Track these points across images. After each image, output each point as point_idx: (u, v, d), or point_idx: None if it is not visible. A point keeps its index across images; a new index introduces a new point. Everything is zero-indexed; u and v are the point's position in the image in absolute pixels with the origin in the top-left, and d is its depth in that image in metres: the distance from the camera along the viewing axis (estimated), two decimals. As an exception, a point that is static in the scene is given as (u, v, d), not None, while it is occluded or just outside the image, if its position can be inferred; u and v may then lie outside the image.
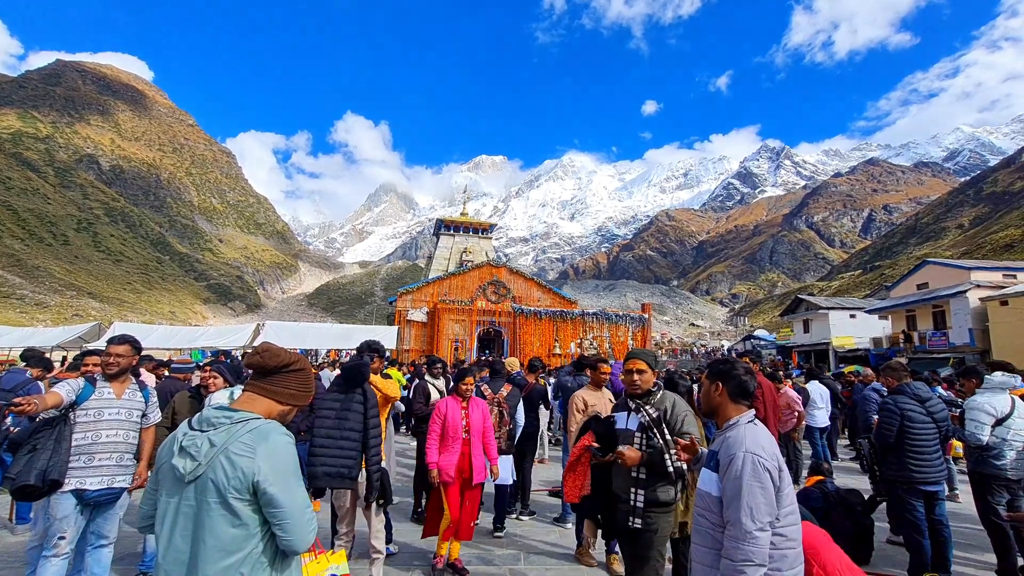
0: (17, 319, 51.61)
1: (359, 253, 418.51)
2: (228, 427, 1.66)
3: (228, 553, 1.56)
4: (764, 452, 2.02)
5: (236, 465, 1.58)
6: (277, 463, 1.63)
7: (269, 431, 1.69)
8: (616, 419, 3.10)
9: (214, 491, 1.57)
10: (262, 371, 1.83)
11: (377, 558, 3.84)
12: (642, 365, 2.99)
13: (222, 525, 1.57)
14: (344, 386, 3.79)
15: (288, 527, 1.62)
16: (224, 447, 1.61)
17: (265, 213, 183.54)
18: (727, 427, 2.21)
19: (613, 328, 27.39)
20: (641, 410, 2.91)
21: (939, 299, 27.22)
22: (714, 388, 2.31)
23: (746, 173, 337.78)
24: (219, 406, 1.76)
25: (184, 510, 1.60)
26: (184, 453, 1.63)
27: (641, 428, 2.88)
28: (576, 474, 3.29)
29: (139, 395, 3.61)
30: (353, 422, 3.66)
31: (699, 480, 2.23)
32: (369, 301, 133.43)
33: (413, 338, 26.33)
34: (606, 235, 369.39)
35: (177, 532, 1.59)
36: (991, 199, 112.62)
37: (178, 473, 1.61)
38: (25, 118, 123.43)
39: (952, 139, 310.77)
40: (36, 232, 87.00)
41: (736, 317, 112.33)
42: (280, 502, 1.60)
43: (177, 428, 1.73)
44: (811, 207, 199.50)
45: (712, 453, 2.17)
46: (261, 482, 1.58)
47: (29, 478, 3.01)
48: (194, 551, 1.56)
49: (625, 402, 3.06)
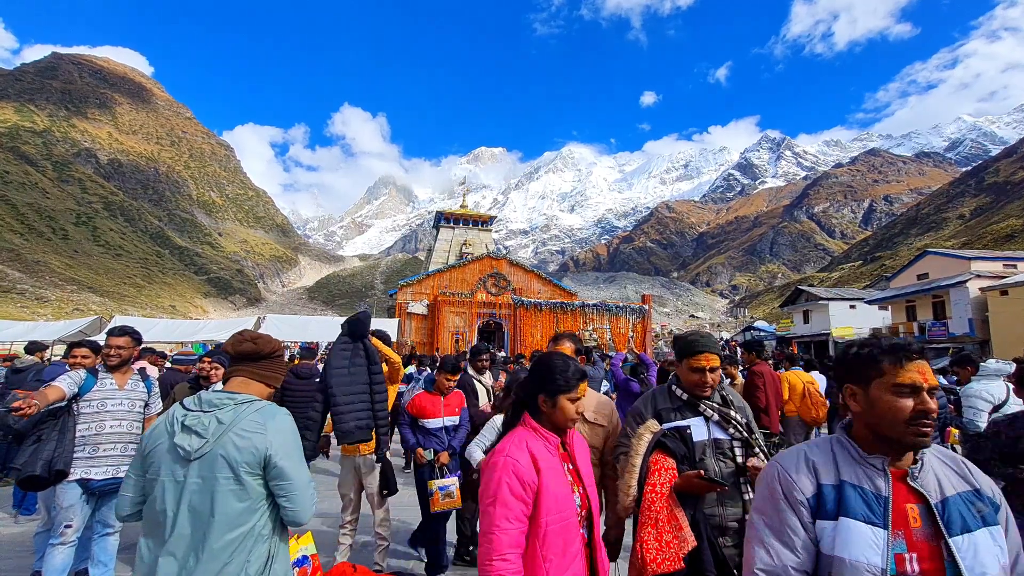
0: (18, 314, 51.68)
1: (359, 246, 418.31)
2: (233, 407, 1.75)
3: (234, 527, 1.65)
4: None
5: (249, 441, 1.69)
6: (286, 439, 1.77)
7: (275, 411, 1.82)
8: (691, 429, 2.22)
9: (225, 466, 1.66)
10: (255, 356, 1.91)
11: (383, 546, 3.89)
12: (716, 360, 2.25)
13: (230, 500, 1.65)
14: (349, 340, 3.85)
15: (295, 498, 1.74)
16: (233, 425, 1.70)
17: (264, 206, 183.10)
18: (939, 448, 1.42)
19: (613, 319, 27.44)
20: (729, 418, 2.25)
21: (939, 289, 27.22)
22: None
23: (746, 164, 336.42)
24: (218, 389, 1.84)
25: (191, 487, 1.64)
26: (188, 432, 1.68)
27: (734, 439, 2.23)
28: (667, 525, 1.90)
29: (141, 386, 3.64)
30: (360, 376, 3.72)
31: (960, 550, 1.19)
32: (369, 294, 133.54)
33: (414, 331, 26.38)
34: (606, 227, 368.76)
35: (183, 509, 1.63)
36: (992, 189, 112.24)
37: (182, 451, 1.66)
38: (22, 112, 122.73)
39: (953, 129, 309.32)
40: (35, 227, 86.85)
41: (736, 308, 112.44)
42: (289, 475, 1.73)
43: (165, 412, 1.76)
44: (811, 198, 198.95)
45: (971, 495, 1.29)
46: (273, 456, 1.70)
47: (35, 468, 3.04)
48: (200, 527, 1.62)
49: (690, 404, 2.29)
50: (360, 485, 3.99)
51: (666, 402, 2.33)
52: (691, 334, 2.34)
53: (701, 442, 2.20)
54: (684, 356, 2.28)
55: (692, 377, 2.26)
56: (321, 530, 4.93)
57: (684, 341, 2.32)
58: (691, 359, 2.25)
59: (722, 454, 2.20)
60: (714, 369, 2.24)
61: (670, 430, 2.18)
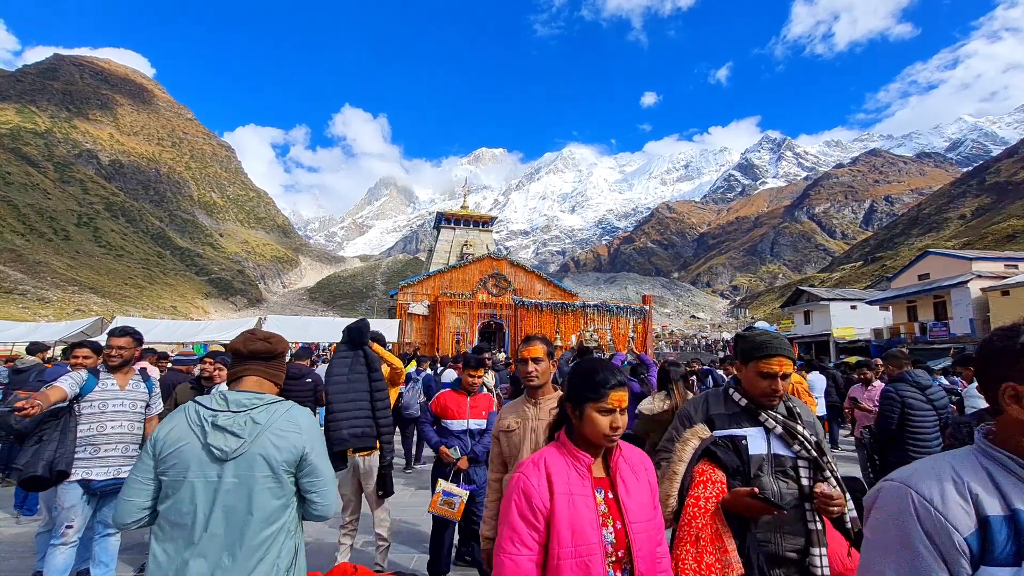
0: (19, 314, 51.77)
1: (359, 247, 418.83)
2: (265, 407, 1.77)
3: (270, 523, 1.69)
4: None
5: (287, 440, 1.73)
6: (317, 437, 1.84)
7: (301, 409, 1.86)
8: (747, 440, 1.92)
9: (264, 465, 1.69)
10: (268, 356, 1.90)
11: (383, 546, 3.89)
12: (789, 365, 1.91)
13: (268, 498, 1.69)
14: (349, 348, 3.85)
15: (325, 494, 1.82)
16: (269, 425, 1.73)
17: (265, 207, 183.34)
18: None
19: (614, 320, 27.44)
20: (795, 433, 1.89)
21: (940, 289, 27.19)
22: None
23: (747, 164, 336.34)
24: (244, 391, 1.83)
25: (225, 487, 1.65)
26: (223, 432, 1.68)
27: (799, 457, 1.89)
28: (710, 546, 1.67)
29: (143, 386, 3.64)
30: (361, 384, 3.72)
31: None
32: (370, 295, 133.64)
33: (414, 331, 26.39)
34: (607, 227, 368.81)
35: (217, 509, 1.63)
36: (993, 189, 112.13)
37: (218, 452, 1.66)
38: (23, 113, 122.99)
39: (954, 129, 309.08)
40: (37, 227, 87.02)
41: (737, 309, 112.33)
42: (321, 471, 1.81)
43: (179, 414, 1.74)
44: (812, 198, 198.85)
45: None
46: (308, 454, 1.77)
47: (37, 469, 3.04)
48: (236, 526, 1.64)
49: (749, 412, 1.96)
50: (360, 486, 3.99)
51: (721, 407, 2.01)
52: (760, 333, 2.01)
53: (758, 456, 1.89)
54: (751, 358, 1.94)
55: (760, 384, 1.91)
56: (322, 530, 4.94)
57: (753, 341, 1.96)
58: (761, 362, 1.91)
59: (783, 473, 1.87)
60: (786, 376, 1.90)
61: (722, 438, 1.90)
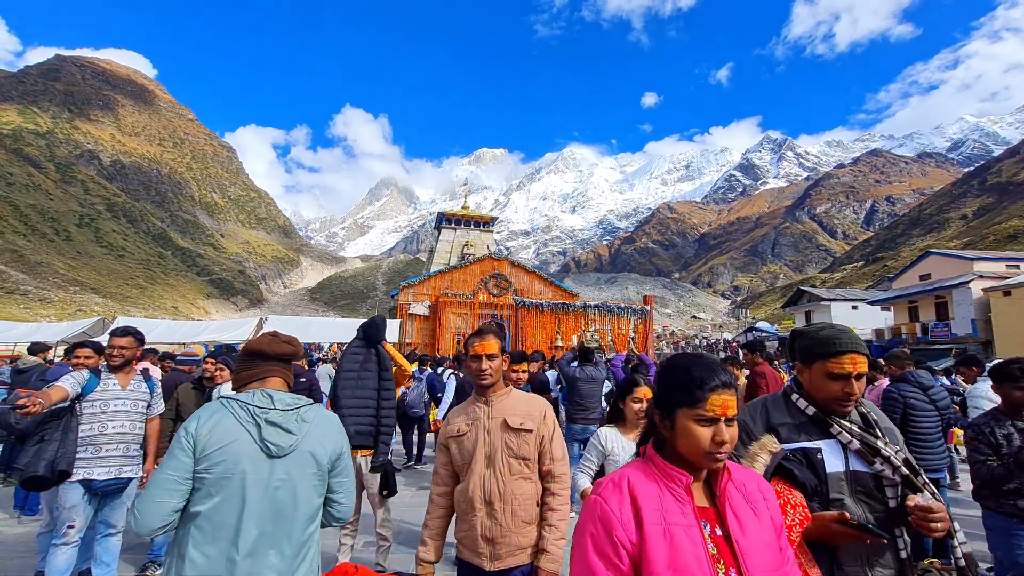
0: (21, 315, 51.84)
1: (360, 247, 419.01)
2: (307, 407, 1.81)
3: (312, 521, 1.73)
4: None
5: (331, 438, 1.80)
6: (347, 439, 1.90)
7: (329, 411, 1.94)
8: (821, 454, 1.58)
9: (312, 462, 1.72)
10: (290, 358, 1.94)
11: (384, 546, 3.88)
12: (863, 363, 1.59)
13: (312, 495, 1.72)
14: (363, 344, 3.85)
15: (350, 494, 1.87)
16: (316, 423, 1.78)
17: (266, 208, 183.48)
18: None
19: (615, 320, 27.41)
20: (876, 449, 1.56)
21: (942, 290, 27.15)
22: None
23: (748, 165, 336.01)
24: (278, 392, 1.83)
25: (275, 483, 1.64)
26: (277, 429, 1.69)
27: (882, 475, 1.57)
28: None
29: (144, 386, 3.65)
30: (370, 382, 3.72)
31: None
32: (371, 295, 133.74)
33: (415, 331, 26.40)
34: (607, 228, 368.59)
35: (267, 507, 1.62)
36: (995, 189, 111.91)
37: (274, 447, 1.66)
38: (25, 114, 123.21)
39: (956, 129, 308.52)
40: (38, 228, 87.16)
41: (738, 309, 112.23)
42: (350, 471, 1.87)
43: (220, 411, 1.69)
44: (813, 198, 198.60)
45: None
46: (344, 454, 1.83)
47: (38, 468, 3.04)
48: (285, 523, 1.64)
49: (818, 421, 1.63)
50: (361, 485, 3.99)
51: (783, 415, 1.67)
52: (825, 327, 1.68)
53: (836, 474, 1.56)
54: (816, 358, 1.62)
55: (831, 387, 1.58)
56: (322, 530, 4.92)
57: (816, 337, 1.65)
58: (829, 362, 1.58)
59: (864, 493, 1.56)
60: (860, 376, 1.57)
61: (793, 452, 1.55)
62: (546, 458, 2.19)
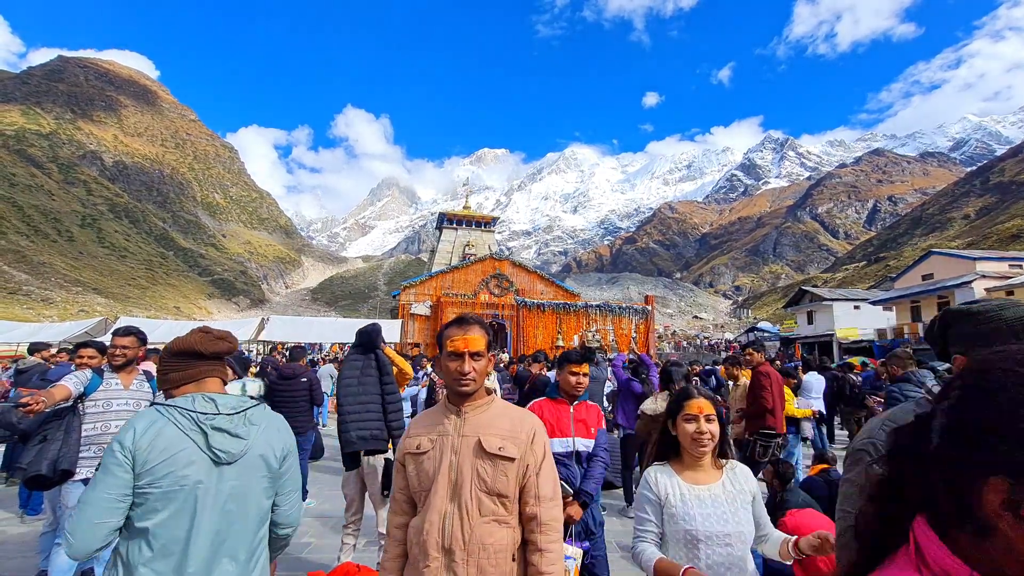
0: (23, 315, 52.00)
1: (362, 247, 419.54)
2: (254, 407, 1.74)
3: (262, 523, 1.67)
4: None
5: (279, 440, 1.74)
6: (292, 437, 1.84)
7: (272, 411, 1.86)
8: None
9: (263, 466, 1.66)
10: (225, 355, 1.88)
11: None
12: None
13: (262, 498, 1.67)
14: (360, 351, 3.90)
15: (296, 496, 1.79)
16: (263, 424, 1.71)
17: (268, 208, 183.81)
18: None
19: (616, 320, 27.40)
20: None
21: (944, 290, 27.08)
22: None
23: (750, 164, 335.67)
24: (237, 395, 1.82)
25: (225, 490, 1.57)
26: (225, 435, 1.61)
27: None
28: None
29: (146, 386, 3.65)
30: (372, 387, 3.77)
31: None
32: (372, 295, 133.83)
33: (416, 331, 26.41)
34: (609, 228, 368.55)
35: (218, 516, 1.55)
36: (998, 189, 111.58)
37: (223, 455, 1.58)
38: (28, 114, 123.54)
39: (958, 128, 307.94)
40: (41, 228, 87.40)
41: (739, 309, 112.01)
42: (296, 473, 1.79)
43: (159, 420, 1.59)
44: (815, 198, 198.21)
45: None
46: (290, 455, 1.76)
47: (41, 468, 3.05)
48: (237, 529, 1.59)
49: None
50: (363, 485, 4.00)
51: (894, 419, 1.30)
52: (1008, 304, 1.29)
53: None
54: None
55: None
56: (324, 530, 4.94)
57: (1001, 317, 1.24)
58: None
59: None
60: None
61: None
62: (530, 496, 1.60)
